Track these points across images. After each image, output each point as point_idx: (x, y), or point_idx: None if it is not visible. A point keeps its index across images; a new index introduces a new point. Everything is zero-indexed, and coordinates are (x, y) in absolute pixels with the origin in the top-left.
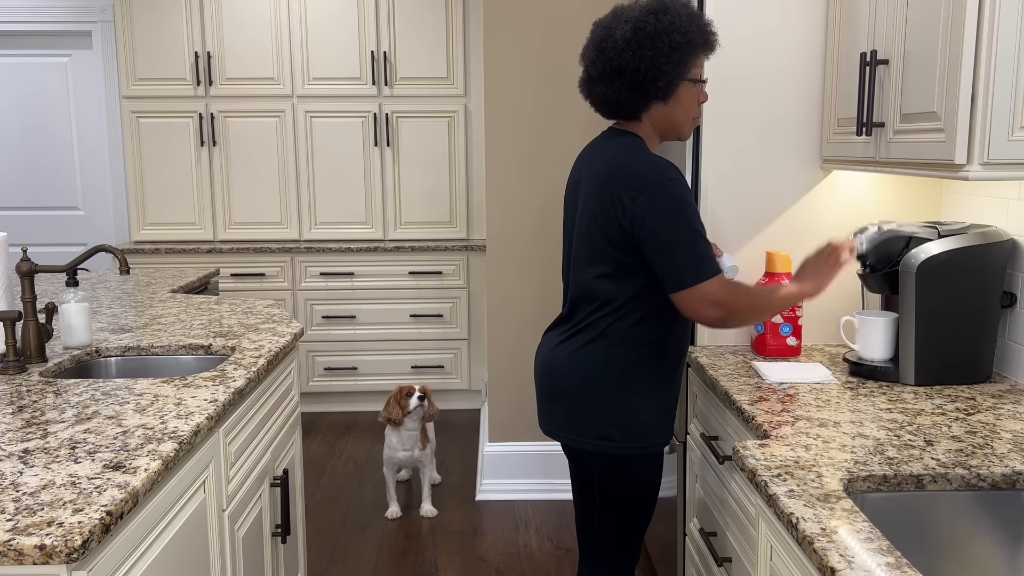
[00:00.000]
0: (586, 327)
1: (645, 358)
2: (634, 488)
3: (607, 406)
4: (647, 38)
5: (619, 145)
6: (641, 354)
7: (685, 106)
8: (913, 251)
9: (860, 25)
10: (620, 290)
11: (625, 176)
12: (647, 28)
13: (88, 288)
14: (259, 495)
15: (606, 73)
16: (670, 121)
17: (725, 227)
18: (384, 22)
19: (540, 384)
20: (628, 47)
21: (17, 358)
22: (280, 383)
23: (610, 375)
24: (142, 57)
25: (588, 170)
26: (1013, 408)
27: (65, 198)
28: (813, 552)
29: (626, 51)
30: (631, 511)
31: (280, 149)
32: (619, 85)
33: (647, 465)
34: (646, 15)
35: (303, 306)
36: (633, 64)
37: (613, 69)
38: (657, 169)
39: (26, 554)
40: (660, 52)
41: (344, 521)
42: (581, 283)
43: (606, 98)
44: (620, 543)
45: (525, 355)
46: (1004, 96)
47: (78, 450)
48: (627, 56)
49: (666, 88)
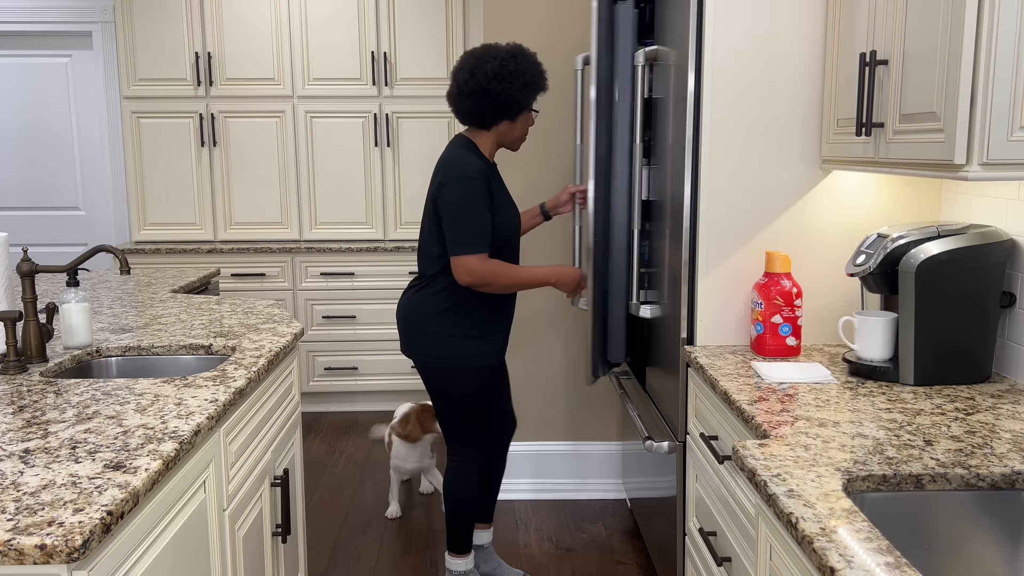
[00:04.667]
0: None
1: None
2: (455, 392)
3: (432, 334)
4: (508, 74)
5: (455, 144)
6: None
7: (520, 127)
8: (913, 251)
9: (859, 25)
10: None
11: (445, 168)
12: (509, 67)
13: (89, 288)
14: (259, 495)
15: (475, 92)
16: (509, 135)
17: (724, 227)
18: (384, 22)
19: (397, 321)
20: (495, 78)
21: (18, 358)
22: (280, 383)
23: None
24: (142, 57)
25: (439, 163)
26: (1012, 408)
27: (66, 198)
28: (813, 552)
29: (493, 80)
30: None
31: (280, 149)
32: (482, 103)
33: (463, 376)
34: (509, 57)
35: (303, 306)
36: (496, 90)
37: (481, 91)
38: (462, 168)
39: (27, 554)
40: (515, 87)
41: (344, 521)
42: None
43: (469, 110)
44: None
45: (524, 355)
46: (1003, 96)
47: (79, 450)
48: (493, 84)
49: (515, 112)
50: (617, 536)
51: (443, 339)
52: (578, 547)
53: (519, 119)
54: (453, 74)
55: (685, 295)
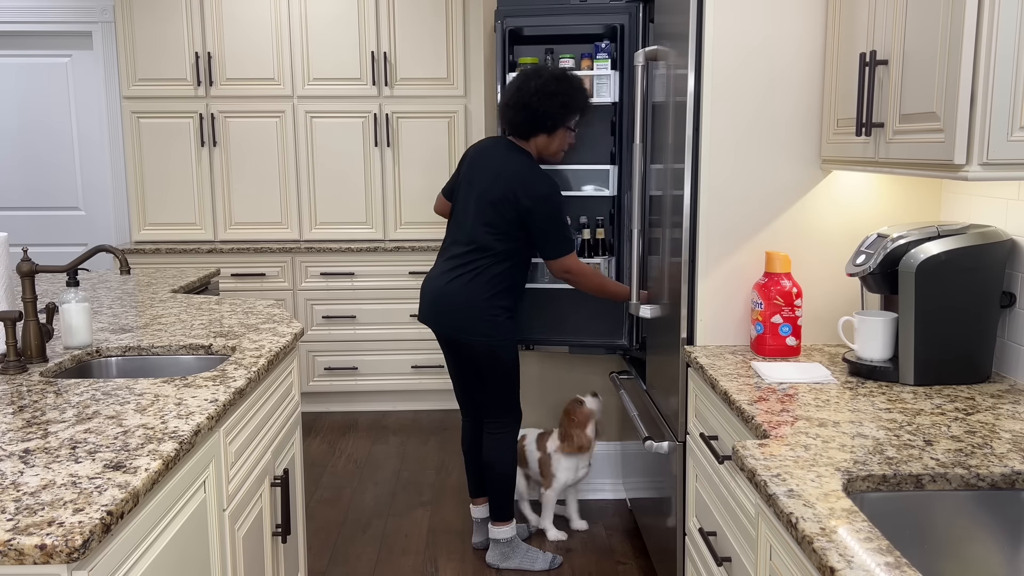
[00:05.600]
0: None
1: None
2: (504, 365)
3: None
4: (549, 93)
5: (519, 156)
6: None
7: (557, 141)
8: (913, 251)
9: (859, 25)
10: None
11: (522, 180)
12: (550, 87)
13: (89, 288)
14: (259, 495)
15: (517, 105)
16: (547, 147)
17: (724, 227)
18: (384, 22)
19: (436, 302)
20: (536, 94)
21: (18, 358)
22: (280, 383)
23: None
24: (142, 57)
25: (492, 161)
26: (1012, 408)
27: (66, 198)
28: (813, 552)
29: (534, 96)
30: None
31: (280, 149)
32: (523, 116)
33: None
34: (552, 78)
35: (303, 306)
36: (535, 105)
37: (523, 104)
38: (550, 181)
39: (27, 554)
40: (554, 105)
41: (344, 521)
42: (471, 234)
43: (512, 120)
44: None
45: (523, 355)
46: (1003, 96)
47: (79, 450)
48: (534, 99)
49: (552, 128)
50: (617, 536)
51: (494, 320)
52: (578, 547)
53: (556, 134)
54: (505, 87)
55: (685, 295)
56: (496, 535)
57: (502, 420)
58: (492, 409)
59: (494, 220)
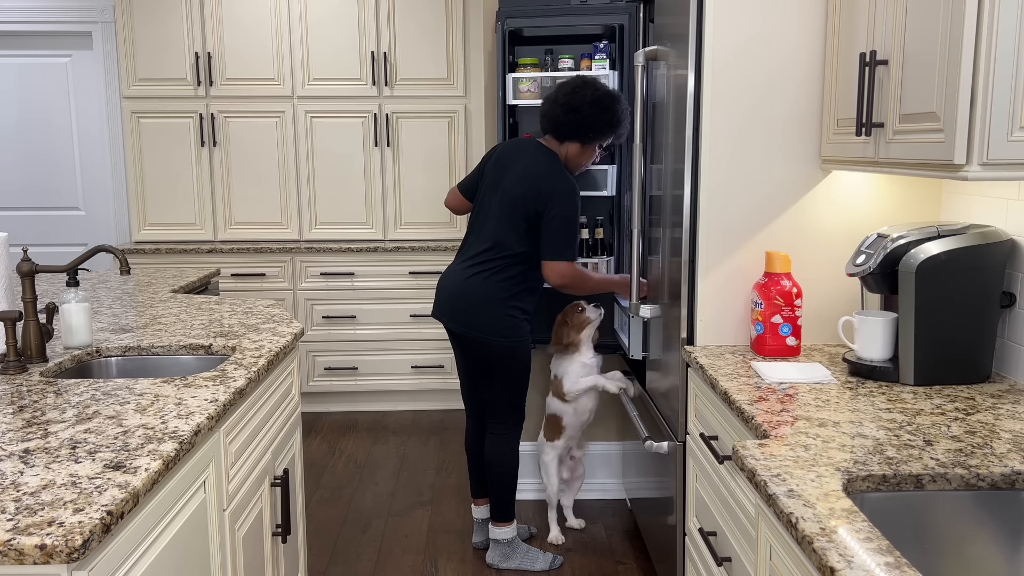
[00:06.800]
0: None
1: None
2: (517, 366)
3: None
4: (599, 109)
5: (549, 157)
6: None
7: (586, 154)
8: (913, 251)
9: (859, 25)
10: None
11: (547, 177)
12: (605, 102)
13: (89, 288)
14: (259, 495)
15: (568, 107)
16: (576, 157)
17: (724, 227)
18: (384, 22)
19: (453, 299)
20: (590, 102)
21: (18, 358)
22: (280, 383)
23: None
24: (142, 57)
25: (520, 161)
26: (1012, 408)
27: (66, 198)
28: (813, 552)
29: (588, 104)
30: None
31: (280, 149)
32: (570, 117)
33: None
34: (609, 95)
35: (303, 306)
36: (586, 113)
37: (573, 107)
38: (572, 184)
39: (27, 554)
40: (603, 119)
41: (344, 521)
42: (492, 233)
43: (556, 118)
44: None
45: None
46: (1003, 96)
47: (79, 450)
48: (585, 108)
49: (591, 139)
50: (617, 536)
51: (510, 320)
52: (578, 547)
53: (589, 147)
54: (559, 85)
55: (685, 295)
56: (497, 535)
57: (505, 421)
58: (497, 408)
59: (516, 220)
